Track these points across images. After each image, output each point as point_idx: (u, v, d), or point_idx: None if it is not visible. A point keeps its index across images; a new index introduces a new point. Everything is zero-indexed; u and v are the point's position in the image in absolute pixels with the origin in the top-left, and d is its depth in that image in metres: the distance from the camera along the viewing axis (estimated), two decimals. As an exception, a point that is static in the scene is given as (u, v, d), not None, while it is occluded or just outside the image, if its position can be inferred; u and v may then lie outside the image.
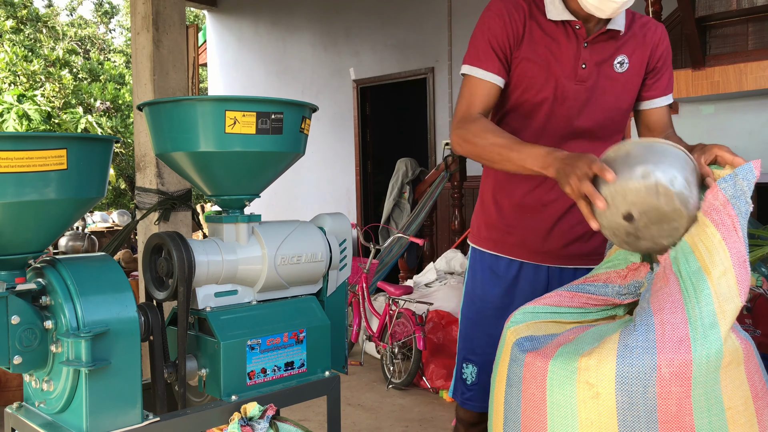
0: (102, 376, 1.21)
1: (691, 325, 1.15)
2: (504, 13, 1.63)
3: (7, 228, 1.17)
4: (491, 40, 1.62)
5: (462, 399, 1.85)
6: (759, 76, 3.57)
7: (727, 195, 1.20)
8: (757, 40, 3.75)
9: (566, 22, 1.61)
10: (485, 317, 1.80)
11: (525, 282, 1.78)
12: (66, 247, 8.14)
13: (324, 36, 7.32)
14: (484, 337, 1.80)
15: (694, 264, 1.19)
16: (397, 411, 3.65)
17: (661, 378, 1.13)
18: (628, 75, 1.67)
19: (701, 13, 3.71)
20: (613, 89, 1.66)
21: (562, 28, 1.62)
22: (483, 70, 1.63)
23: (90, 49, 16.59)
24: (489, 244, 1.82)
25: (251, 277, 1.50)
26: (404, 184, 6.27)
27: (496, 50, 1.62)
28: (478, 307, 1.83)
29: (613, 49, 1.65)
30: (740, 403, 1.16)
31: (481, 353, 1.80)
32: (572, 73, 1.63)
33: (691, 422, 1.13)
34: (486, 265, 1.83)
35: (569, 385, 1.20)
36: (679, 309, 1.17)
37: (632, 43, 1.67)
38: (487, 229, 1.83)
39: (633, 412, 1.15)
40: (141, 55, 3.32)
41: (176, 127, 1.40)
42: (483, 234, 1.84)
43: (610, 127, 1.72)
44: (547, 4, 1.62)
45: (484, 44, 1.63)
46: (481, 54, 1.63)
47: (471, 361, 1.83)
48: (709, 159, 1.33)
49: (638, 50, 1.67)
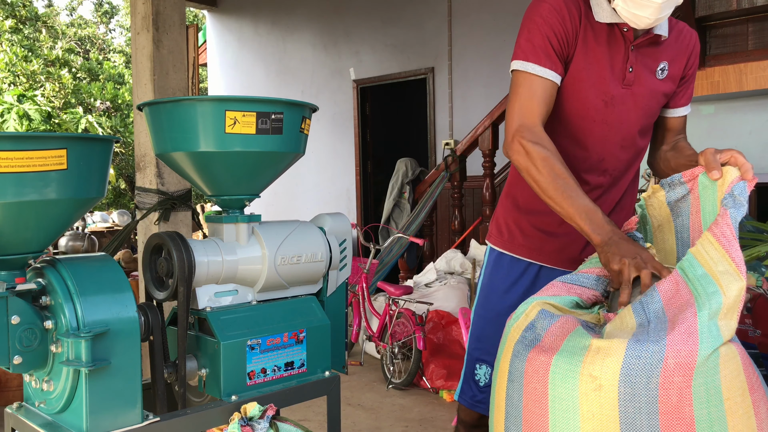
0: (102, 376, 1.21)
1: (699, 318, 1.19)
2: (563, 7, 1.53)
3: (7, 228, 1.17)
4: (549, 35, 1.51)
5: (472, 402, 1.80)
6: (759, 76, 3.57)
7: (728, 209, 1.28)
8: (757, 40, 3.75)
9: (615, 25, 1.55)
10: (501, 316, 1.74)
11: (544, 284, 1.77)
12: (66, 247, 8.15)
13: (324, 36, 7.32)
14: (499, 336, 1.77)
15: (699, 269, 1.24)
16: (397, 411, 3.65)
17: (666, 368, 1.15)
18: (666, 82, 1.64)
19: (701, 13, 3.71)
20: (654, 95, 1.63)
21: (610, 30, 1.56)
22: (542, 66, 1.51)
23: (90, 49, 16.59)
24: (512, 248, 1.79)
25: (251, 277, 1.50)
26: (404, 184, 6.28)
27: (555, 46, 1.52)
28: (495, 306, 1.78)
29: (657, 54, 1.61)
30: (738, 394, 1.18)
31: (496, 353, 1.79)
32: (620, 76, 1.58)
33: (690, 413, 1.15)
34: (503, 263, 1.80)
35: (572, 379, 1.21)
36: (690, 305, 1.21)
37: (672, 50, 1.63)
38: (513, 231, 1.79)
39: (634, 403, 1.16)
40: (141, 55, 3.32)
41: (176, 127, 1.40)
42: (505, 236, 1.80)
43: (647, 135, 1.71)
44: (594, 6, 1.55)
45: (541, 38, 1.51)
46: (539, 49, 1.52)
47: (485, 361, 1.78)
48: (725, 159, 1.36)
49: (677, 58, 1.64)
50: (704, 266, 1.24)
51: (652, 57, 1.60)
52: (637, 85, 1.59)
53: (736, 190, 1.31)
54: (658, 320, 1.25)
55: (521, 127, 1.49)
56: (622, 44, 1.57)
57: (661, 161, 1.74)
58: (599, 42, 1.56)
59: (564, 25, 1.52)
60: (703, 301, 1.20)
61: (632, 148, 1.68)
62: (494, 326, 1.78)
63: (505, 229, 1.81)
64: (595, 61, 1.56)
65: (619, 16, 1.52)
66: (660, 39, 1.60)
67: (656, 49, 1.61)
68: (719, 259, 1.24)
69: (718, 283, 1.21)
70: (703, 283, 1.22)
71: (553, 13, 1.52)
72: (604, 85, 1.57)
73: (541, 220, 1.74)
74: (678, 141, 1.73)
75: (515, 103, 1.53)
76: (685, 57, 1.66)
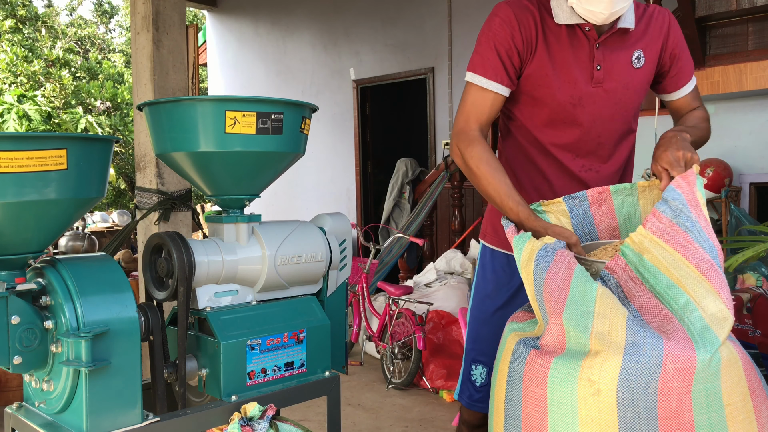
0: (102, 376, 1.21)
1: (688, 331, 1.20)
2: (513, 19, 1.57)
3: (7, 228, 1.17)
4: (498, 48, 1.57)
5: (470, 401, 1.82)
6: (759, 76, 3.57)
7: (668, 216, 1.27)
8: (757, 40, 3.75)
9: (576, 26, 1.58)
10: (495, 317, 1.77)
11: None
12: (66, 247, 8.14)
13: (324, 36, 7.32)
14: (494, 337, 1.76)
15: (663, 279, 1.25)
16: (397, 411, 3.65)
17: (664, 374, 1.15)
18: (645, 69, 1.66)
19: (701, 13, 3.71)
20: (634, 86, 1.65)
21: (572, 31, 1.59)
22: (487, 79, 1.58)
23: (89, 49, 16.59)
24: (501, 242, 1.80)
25: (251, 277, 1.50)
26: (404, 184, 6.27)
27: (503, 58, 1.57)
28: (488, 307, 1.80)
29: (628, 45, 1.63)
30: (739, 400, 1.18)
31: (492, 354, 1.77)
32: (588, 75, 1.60)
33: (690, 418, 1.15)
34: (497, 263, 1.81)
35: (570, 383, 1.20)
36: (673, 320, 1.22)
37: (646, 36, 1.65)
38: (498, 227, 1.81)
39: (633, 408, 1.16)
40: (141, 55, 3.32)
41: (176, 127, 1.40)
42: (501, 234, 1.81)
43: (631, 126, 1.71)
44: (554, 8, 1.58)
45: (490, 51, 1.58)
46: (486, 61, 1.58)
47: (481, 362, 1.80)
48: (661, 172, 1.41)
49: (652, 42, 1.65)
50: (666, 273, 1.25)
51: (624, 49, 1.62)
52: (608, 82, 1.61)
53: (669, 195, 1.30)
54: (643, 326, 1.25)
55: (459, 132, 1.61)
56: (586, 44, 1.59)
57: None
58: (562, 45, 1.59)
59: (513, 37, 1.57)
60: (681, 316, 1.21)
61: (614, 138, 1.68)
62: (488, 326, 1.80)
63: (488, 222, 1.85)
64: (559, 64, 1.59)
65: (578, 16, 1.56)
66: (627, 31, 1.62)
67: (627, 41, 1.62)
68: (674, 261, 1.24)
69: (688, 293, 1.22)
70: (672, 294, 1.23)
71: (503, 26, 1.58)
72: (570, 87, 1.60)
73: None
74: (692, 112, 1.73)
75: (460, 110, 1.64)
76: (661, 37, 1.66)
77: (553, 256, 1.29)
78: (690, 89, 1.74)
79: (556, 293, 1.26)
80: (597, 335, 1.21)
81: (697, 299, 1.20)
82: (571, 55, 1.59)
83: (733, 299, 2.45)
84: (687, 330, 1.19)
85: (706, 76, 3.75)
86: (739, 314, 2.62)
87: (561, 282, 1.26)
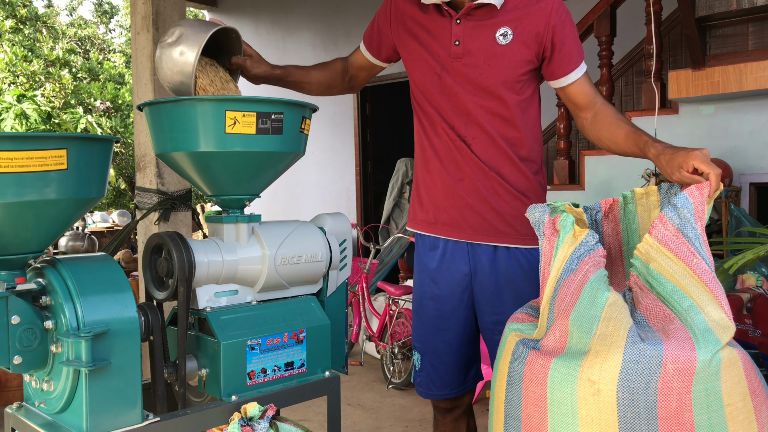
0: (102, 376, 1.21)
1: (690, 330, 1.21)
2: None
3: (7, 228, 1.17)
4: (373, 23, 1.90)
5: (416, 386, 1.94)
6: (759, 76, 3.57)
7: (675, 224, 1.28)
8: (757, 40, 3.75)
9: (436, 5, 1.72)
10: (422, 305, 1.88)
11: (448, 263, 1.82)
12: (66, 247, 8.15)
13: (324, 36, 7.32)
14: (421, 324, 1.88)
15: (668, 285, 1.26)
16: (397, 411, 3.65)
17: (665, 374, 1.15)
18: (514, 46, 1.69)
19: (701, 13, 3.71)
20: (497, 59, 1.70)
21: (434, 8, 1.74)
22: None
23: (90, 49, 16.59)
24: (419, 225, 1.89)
25: (251, 277, 1.50)
26: (404, 184, 6.27)
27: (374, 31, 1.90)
28: (417, 296, 1.90)
29: (493, 22, 1.69)
30: (739, 400, 1.18)
31: (423, 341, 1.88)
32: (447, 51, 1.72)
33: (690, 418, 1.15)
34: (419, 249, 1.90)
35: (570, 383, 1.20)
36: (675, 319, 1.23)
37: (517, 15, 1.69)
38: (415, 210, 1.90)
39: (633, 408, 1.16)
40: (141, 55, 3.32)
41: (176, 127, 1.40)
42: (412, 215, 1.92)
43: (508, 104, 1.73)
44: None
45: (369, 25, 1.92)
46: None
47: (416, 348, 1.91)
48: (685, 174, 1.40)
49: (526, 22, 1.69)
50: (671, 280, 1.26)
51: (488, 26, 1.70)
52: (468, 57, 1.71)
53: (679, 202, 1.30)
54: (645, 326, 1.26)
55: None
56: (447, 21, 1.72)
57: (588, 131, 1.77)
58: (422, 23, 1.76)
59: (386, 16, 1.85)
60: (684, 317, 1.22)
61: (479, 112, 1.72)
62: (415, 314, 1.92)
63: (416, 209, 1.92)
64: (420, 41, 1.77)
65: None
66: (494, 9, 1.68)
67: (492, 18, 1.70)
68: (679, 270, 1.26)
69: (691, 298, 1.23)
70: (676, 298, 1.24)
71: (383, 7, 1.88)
72: (432, 61, 1.74)
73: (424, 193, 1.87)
74: (597, 111, 1.74)
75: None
76: (541, 23, 1.69)
77: (576, 266, 1.30)
78: (577, 76, 1.74)
79: (568, 297, 1.28)
80: (599, 336, 1.22)
81: (701, 305, 1.22)
82: (432, 32, 1.74)
83: (733, 299, 2.45)
84: (689, 329, 1.20)
85: (706, 76, 3.74)
86: (739, 314, 2.62)
87: (575, 287, 1.27)
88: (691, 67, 3.79)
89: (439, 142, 1.79)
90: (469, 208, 1.76)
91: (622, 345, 1.19)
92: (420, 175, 1.87)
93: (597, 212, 1.55)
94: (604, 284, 1.26)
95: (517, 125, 1.75)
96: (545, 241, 1.38)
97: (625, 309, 1.24)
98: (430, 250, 1.85)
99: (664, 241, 1.27)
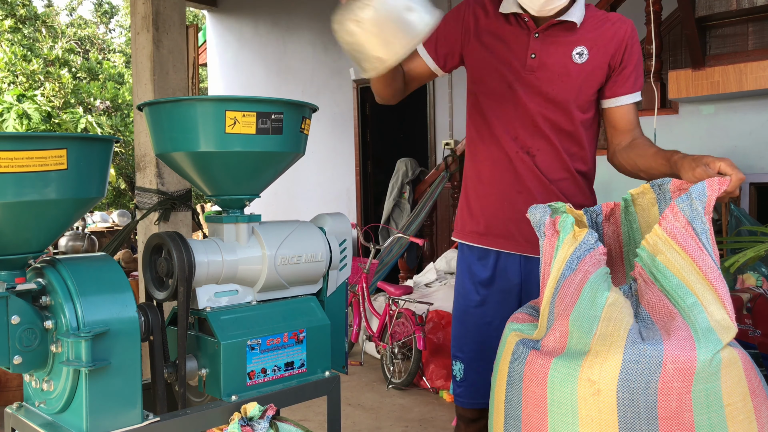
0: (102, 376, 1.21)
1: (692, 328, 1.20)
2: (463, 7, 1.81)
3: (7, 228, 1.17)
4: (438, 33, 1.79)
5: (455, 396, 1.91)
6: (759, 76, 3.57)
7: (686, 216, 1.27)
8: (757, 40, 3.75)
9: (516, 15, 1.71)
10: (468, 314, 1.85)
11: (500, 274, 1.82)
12: (66, 247, 8.15)
13: (324, 36, 7.32)
14: (467, 333, 1.85)
15: (673, 279, 1.25)
16: (397, 411, 3.65)
17: (665, 374, 1.15)
18: (589, 66, 1.70)
19: (701, 13, 3.71)
20: (570, 75, 1.70)
21: (513, 19, 1.73)
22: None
23: (89, 49, 16.59)
24: (466, 235, 1.87)
25: (251, 277, 1.50)
26: (404, 184, 6.27)
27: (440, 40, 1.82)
28: (461, 305, 1.87)
29: (571, 40, 1.70)
30: (739, 400, 1.18)
31: (467, 351, 1.85)
32: (522, 62, 1.71)
33: (690, 418, 1.15)
34: (470, 257, 1.87)
35: (570, 383, 1.20)
36: (677, 316, 1.23)
37: (594, 35, 1.70)
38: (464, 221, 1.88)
39: (633, 408, 1.16)
40: (141, 55, 3.32)
41: (176, 127, 1.40)
42: (458, 225, 1.90)
43: (574, 121, 1.73)
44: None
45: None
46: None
47: (458, 358, 1.88)
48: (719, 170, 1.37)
49: (601, 43, 1.70)
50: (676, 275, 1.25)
51: (566, 43, 1.71)
52: (542, 71, 1.71)
53: (695, 192, 1.29)
54: (647, 321, 1.26)
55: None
56: (525, 32, 1.72)
57: (618, 155, 1.76)
58: (499, 33, 1.75)
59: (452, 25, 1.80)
60: (687, 314, 1.22)
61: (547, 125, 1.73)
62: (459, 323, 1.89)
63: (465, 220, 1.90)
64: (493, 50, 1.75)
65: (519, 8, 1.70)
66: (574, 26, 1.69)
67: (570, 36, 1.70)
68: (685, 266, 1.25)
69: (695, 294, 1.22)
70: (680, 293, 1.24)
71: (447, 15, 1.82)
72: (504, 70, 1.74)
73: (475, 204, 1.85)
74: (634, 139, 1.74)
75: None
76: (614, 44, 1.71)
77: (576, 265, 1.30)
78: (629, 101, 1.75)
79: (568, 297, 1.28)
80: (599, 337, 1.22)
81: (705, 304, 1.22)
82: (507, 42, 1.73)
83: (733, 299, 2.45)
84: (691, 328, 1.20)
85: (706, 76, 3.74)
86: (739, 314, 2.62)
87: (575, 288, 1.27)
88: (691, 67, 3.80)
89: (498, 152, 1.77)
90: (525, 221, 1.72)
91: (622, 345, 1.19)
92: (471, 185, 1.85)
93: (597, 214, 1.55)
94: (605, 283, 1.26)
95: (582, 142, 1.76)
96: (546, 242, 1.38)
97: (626, 309, 1.24)
98: (479, 259, 1.83)
99: (673, 234, 1.26)
